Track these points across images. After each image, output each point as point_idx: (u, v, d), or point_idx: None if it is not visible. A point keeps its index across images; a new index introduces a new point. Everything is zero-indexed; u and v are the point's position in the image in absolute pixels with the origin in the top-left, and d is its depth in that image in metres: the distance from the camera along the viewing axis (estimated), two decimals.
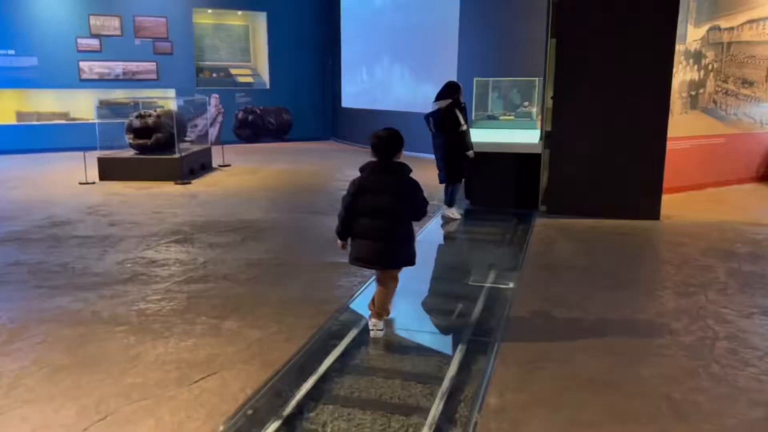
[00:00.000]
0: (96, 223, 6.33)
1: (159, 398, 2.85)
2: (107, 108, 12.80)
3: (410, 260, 3.63)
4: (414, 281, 4.71)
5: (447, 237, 6.31)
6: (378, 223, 3.52)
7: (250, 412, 2.76)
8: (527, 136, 7.87)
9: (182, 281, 4.52)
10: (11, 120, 12.36)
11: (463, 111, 6.50)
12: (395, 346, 3.51)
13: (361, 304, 4.09)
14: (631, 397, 2.89)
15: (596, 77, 6.57)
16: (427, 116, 6.62)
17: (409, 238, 3.62)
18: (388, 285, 3.67)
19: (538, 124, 8.27)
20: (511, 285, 4.57)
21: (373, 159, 3.61)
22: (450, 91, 6.54)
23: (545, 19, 7.02)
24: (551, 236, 5.98)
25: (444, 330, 3.81)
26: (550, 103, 6.90)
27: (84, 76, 12.77)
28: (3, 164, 10.70)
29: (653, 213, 6.59)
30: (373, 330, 3.62)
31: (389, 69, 13.23)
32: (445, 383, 3.04)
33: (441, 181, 6.76)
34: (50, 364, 3.19)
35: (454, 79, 9.16)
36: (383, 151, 3.59)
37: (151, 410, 2.75)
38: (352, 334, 3.62)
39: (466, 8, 11.28)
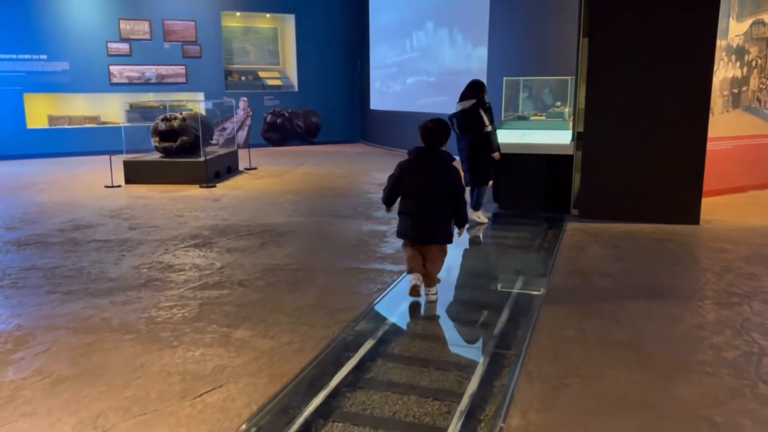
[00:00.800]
0: (116, 226, 6.27)
1: (159, 413, 2.70)
2: (136, 111, 12.89)
3: (447, 239, 4.09)
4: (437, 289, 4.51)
5: (473, 242, 6.08)
6: (420, 204, 3.99)
7: (253, 430, 2.59)
8: (559, 137, 7.59)
9: (197, 287, 4.39)
10: (43, 124, 12.52)
11: (489, 111, 6.25)
12: (413, 358, 3.31)
13: (379, 312, 3.91)
14: (667, 419, 2.64)
15: (631, 75, 6.27)
16: (451, 117, 6.39)
17: (448, 219, 4.06)
18: (433, 258, 4.10)
19: (570, 124, 7.98)
20: (539, 293, 4.32)
21: (421, 145, 4.03)
22: (473, 90, 6.32)
23: (577, 17, 6.75)
24: (583, 241, 5.70)
25: (466, 341, 3.58)
26: (582, 102, 6.63)
27: (114, 80, 12.87)
28: (34, 168, 10.81)
29: (692, 217, 6.25)
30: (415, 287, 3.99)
31: (418, 70, 13.03)
32: (464, 400, 2.82)
33: (466, 184, 6.52)
34: (52, 374, 3.07)
35: (483, 78, 8.94)
36: (431, 139, 4.00)
37: (149, 426, 2.60)
38: (368, 345, 3.43)
39: (495, 7, 11.03)
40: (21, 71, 12.06)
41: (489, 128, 6.21)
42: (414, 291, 4.00)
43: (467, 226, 4.49)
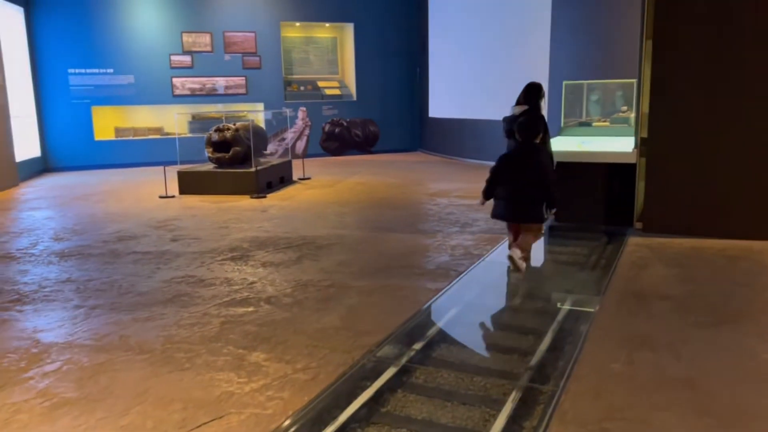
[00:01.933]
0: (159, 238, 6.24)
1: None
2: (198, 122, 13.10)
3: (538, 218, 4.79)
4: (473, 310, 4.18)
5: (523, 258, 5.67)
6: (515, 190, 4.70)
7: None
8: (622, 144, 7.06)
9: (222, 304, 4.22)
10: (110, 136, 12.90)
11: (540, 120, 5.81)
12: (436, 390, 2.99)
13: (407, 336, 3.61)
14: None
15: (702, 78, 5.72)
16: (504, 119, 6.02)
17: (539, 202, 4.73)
18: (524, 233, 4.80)
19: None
20: (589, 318, 3.91)
21: (519, 140, 4.84)
22: (527, 95, 5.91)
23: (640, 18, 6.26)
24: (644, 258, 5.21)
25: (498, 373, 3.22)
26: (645, 107, 6.12)
27: (177, 92, 13.13)
28: (98, 178, 11.12)
29: None
30: (515, 259, 4.61)
31: (478, 76, 12.65)
32: None
33: None
34: (55, 397, 2.94)
35: (545, 82, 8.50)
36: (524, 134, 4.83)
37: None
38: (388, 373, 3.13)
39: (558, 8, 10.54)
40: (89, 85, 12.47)
41: (537, 139, 5.74)
42: (511, 260, 4.67)
43: (554, 210, 4.95)
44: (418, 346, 3.48)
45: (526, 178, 4.68)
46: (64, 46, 12.21)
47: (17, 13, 11.52)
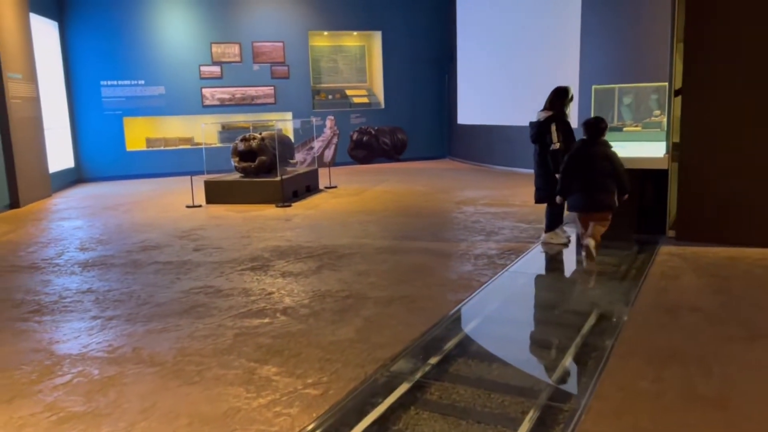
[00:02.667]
0: (182, 248, 6.24)
1: None
2: (228, 132, 13.20)
3: (611, 207, 5.28)
4: (494, 323, 4.05)
5: (548, 267, 5.51)
6: (589, 181, 5.24)
7: None
8: (654, 149, 6.83)
9: (238, 315, 4.17)
10: (141, 146, 13.08)
11: (564, 125, 5.64)
12: (451, 407, 2.87)
13: (423, 349, 3.49)
14: None
15: (738, 81, 5.49)
16: (530, 124, 5.89)
17: (610, 191, 5.24)
18: (596, 221, 5.29)
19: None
20: (615, 331, 3.73)
21: (584, 138, 5.39)
22: (553, 100, 5.76)
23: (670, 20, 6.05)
24: (676, 268, 4.99)
25: (516, 390, 3.07)
26: (677, 110, 5.91)
27: (206, 102, 13.26)
28: (129, 188, 11.26)
29: None
30: (590, 248, 5.20)
31: (507, 81, 12.48)
32: None
33: (536, 201, 5.98)
34: (62, 411, 2.90)
35: (575, 86, 8.31)
36: (590, 132, 5.36)
37: None
38: (402, 389, 3.02)
39: (587, 12, 10.33)
40: (121, 96, 12.67)
41: (556, 146, 5.58)
42: (587, 250, 5.22)
43: (626, 196, 5.34)
44: (434, 360, 3.36)
45: (597, 170, 5.22)
46: (97, 59, 12.45)
47: (52, 28, 11.79)
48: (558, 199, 5.53)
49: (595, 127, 5.37)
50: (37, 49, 10.48)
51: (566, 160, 5.36)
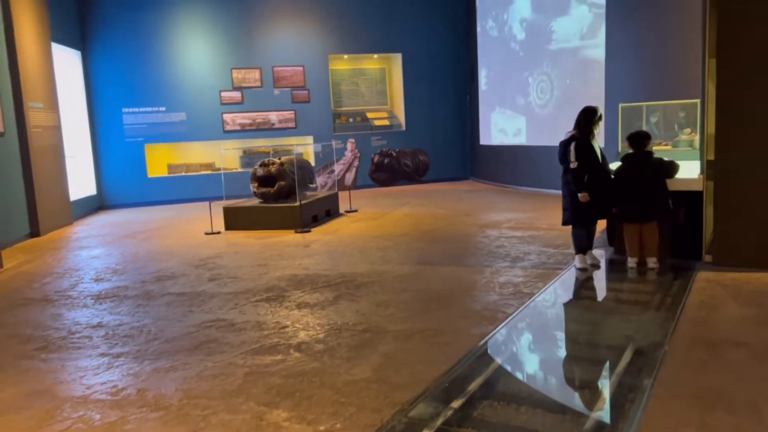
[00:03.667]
0: (198, 277, 6.08)
1: None
2: (248, 157, 13.14)
3: (665, 215, 5.54)
4: (521, 360, 3.79)
5: (578, 296, 5.22)
6: (637, 192, 5.47)
7: None
8: (687, 168, 6.52)
9: (249, 351, 3.97)
10: (163, 172, 13.08)
11: (582, 146, 5.41)
12: None
13: (445, 392, 3.24)
14: None
15: None
16: (560, 144, 5.71)
17: (663, 198, 5.50)
18: (651, 233, 5.51)
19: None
20: (653, 369, 3.44)
21: (630, 151, 5.63)
22: (580, 120, 5.55)
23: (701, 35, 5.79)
24: (716, 297, 4.67)
25: None
26: (711, 128, 5.62)
27: (227, 127, 13.25)
28: (150, 215, 11.21)
29: None
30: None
31: (530, 101, 12.25)
32: None
33: (563, 223, 5.73)
34: None
35: (601, 105, 8.04)
36: (635, 144, 5.59)
37: None
38: None
39: (612, 29, 10.08)
40: (142, 123, 12.72)
41: (573, 165, 5.38)
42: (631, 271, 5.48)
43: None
44: (456, 404, 3.11)
45: (648, 179, 5.45)
46: (119, 86, 12.52)
47: (74, 57, 11.90)
48: (614, 210, 5.65)
49: (637, 136, 5.61)
50: (61, 79, 10.56)
51: (615, 176, 5.62)
